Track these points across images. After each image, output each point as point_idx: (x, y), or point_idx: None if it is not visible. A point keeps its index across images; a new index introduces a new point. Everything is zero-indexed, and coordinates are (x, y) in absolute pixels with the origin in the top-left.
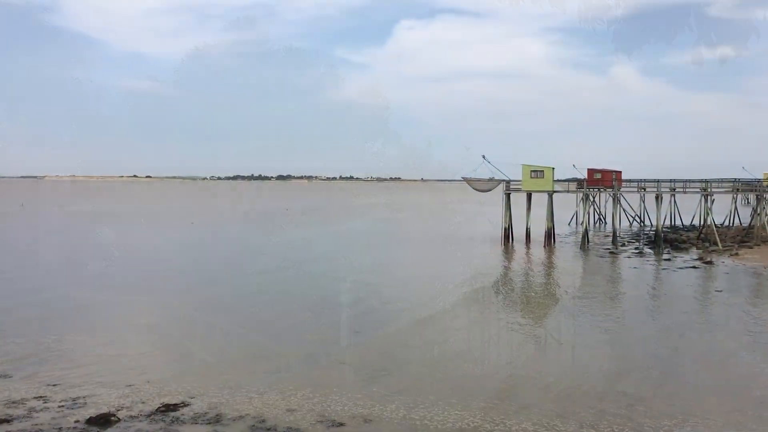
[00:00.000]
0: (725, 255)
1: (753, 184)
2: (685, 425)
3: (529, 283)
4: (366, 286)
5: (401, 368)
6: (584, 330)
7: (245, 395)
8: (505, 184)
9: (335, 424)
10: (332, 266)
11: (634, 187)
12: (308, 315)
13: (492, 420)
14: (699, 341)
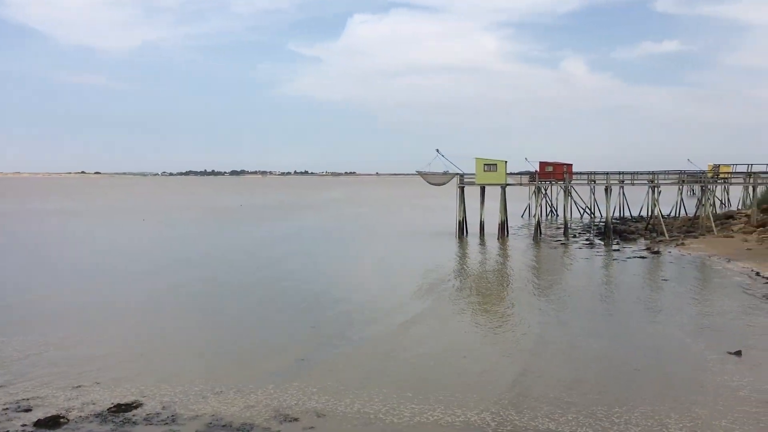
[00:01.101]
0: (672, 245)
1: (698, 176)
2: (635, 412)
3: (483, 275)
4: (323, 281)
5: (358, 363)
6: (535, 320)
7: (200, 394)
8: (459, 178)
9: (289, 419)
10: (289, 262)
11: (584, 179)
12: (265, 312)
13: (452, 413)
14: (645, 329)
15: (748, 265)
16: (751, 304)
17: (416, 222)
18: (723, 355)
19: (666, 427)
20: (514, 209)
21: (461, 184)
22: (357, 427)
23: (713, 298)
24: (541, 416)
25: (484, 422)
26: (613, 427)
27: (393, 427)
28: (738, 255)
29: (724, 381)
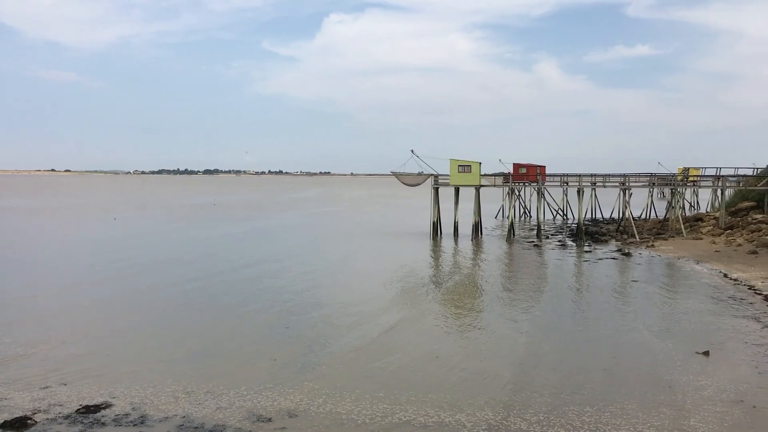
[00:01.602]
0: (642, 246)
1: (668, 179)
2: (605, 411)
3: (456, 276)
4: (296, 281)
5: (331, 363)
6: (507, 321)
7: (171, 395)
8: (433, 179)
9: (262, 419)
10: (262, 262)
11: (557, 181)
12: (237, 312)
13: (425, 413)
14: (616, 330)
15: (716, 266)
16: (719, 305)
17: (390, 222)
18: (691, 355)
19: (634, 426)
20: (487, 210)
21: (435, 184)
22: (329, 427)
23: (682, 299)
24: (514, 416)
25: (458, 423)
26: (584, 427)
27: (364, 427)
28: (706, 257)
29: (692, 381)
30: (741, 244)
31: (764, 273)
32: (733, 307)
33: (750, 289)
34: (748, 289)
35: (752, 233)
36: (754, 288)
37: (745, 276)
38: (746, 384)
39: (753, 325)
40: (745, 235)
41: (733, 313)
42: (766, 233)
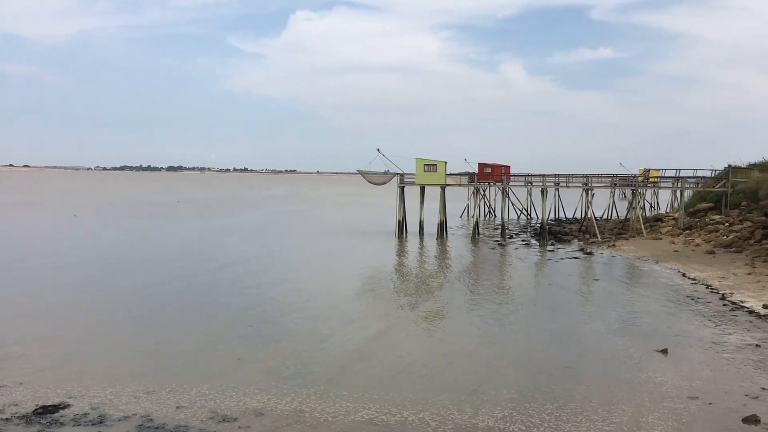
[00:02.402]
0: (604, 246)
1: (629, 180)
2: (565, 408)
3: (421, 275)
4: (260, 279)
5: (297, 361)
6: (471, 319)
7: (132, 395)
8: (399, 178)
9: (227, 419)
10: (225, 260)
11: (521, 181)
12: (200, 310)
13: (388, 411)
14: (577, 328)
15: (674, 266)
16: (677, 304)
17: (356, 221)
18: (650, 353)
19: (594, 423)
20: (453, 209)
21: (401, 183)
22: (293, 425)
23: (641, 298)
24: (481, 414)
25: (422, 422)
26: (544, 424)
27: (327, 425)
28: (665, 256)
29: (650, 378)
30: (699, 244)
31: (721, 272)
32: (690, 305)
33: (707, 288)
34: (706, 288)
35: (710, 234)
36: (711, 287)
37: (703, 275)
38: (702, 381)
39: (709, 323)
40: (703, 235)
41: (690, 312)
42: (723, 234)
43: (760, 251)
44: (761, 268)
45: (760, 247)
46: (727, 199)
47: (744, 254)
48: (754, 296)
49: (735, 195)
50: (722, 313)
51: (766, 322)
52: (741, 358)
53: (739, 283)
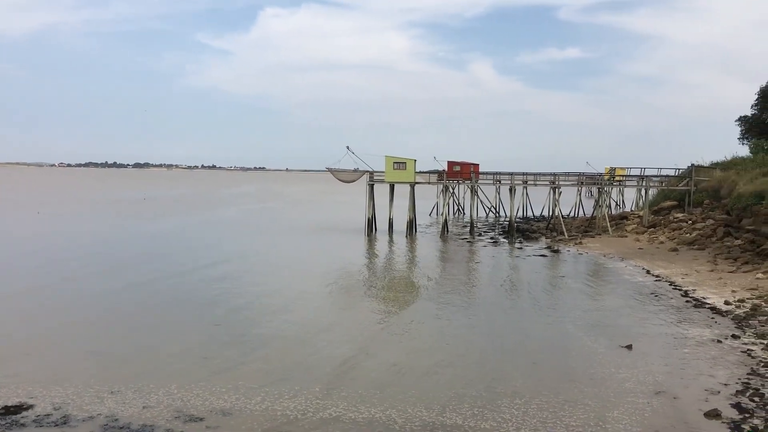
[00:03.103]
0: (570, 244)
1: (595, 178)
2: (532, 404)
3: (390, 272)
4: (228, 277)
5: (266, 360)
6: (440, 316)
7: (95, 395)
8: (368, 176)
9: (194, 419)
10: (193, 258)
11: (490, 179)
12: (166, 309)
13: (356, 409)
14: (544, 324)
15: (639, 263)
16: (641, 300)
17: (325, 218)
18: (615, 349)
19: (560, 418)
20: (422, 207)
21: (371, 181)
22: (263, 424)
23: (607, 295)
24: (449, 411)
25: (390, 419)
26: (513, 419)
27: (296, 423)
28: (630, 254)
29: (615, 373)
30: (663, 241)
31: (684, 270)
32: (654, 302)
33: (671, 285)
34: (669, 285)
35: (673, 231)
36: (675, 284)
37: (666, 272)
38: (665, 376)
39: (672, 319)
40: (667, 233)
41: (654, 308)
42: (686, 232)
43: (722, 249)
44: (723, 266)
45: (722, 244)
46: (690, 198)
47: (706, 252)
48: (715, 293)
49: (698, 193)
50: (685, 309)
51: (727, 318)
52: (703, 353)
53: (702, 280)
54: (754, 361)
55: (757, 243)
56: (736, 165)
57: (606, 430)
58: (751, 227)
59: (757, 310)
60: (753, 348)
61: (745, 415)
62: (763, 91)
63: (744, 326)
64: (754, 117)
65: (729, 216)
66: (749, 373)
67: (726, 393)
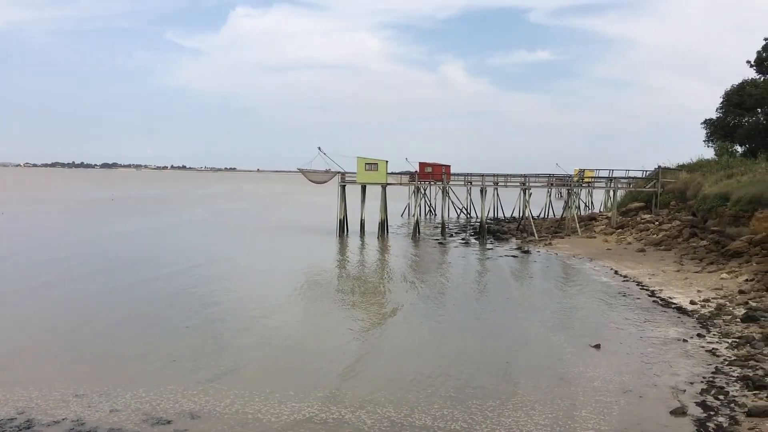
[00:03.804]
0: (540, 245)
1: (565, 180)
2: (507, 404)
3: (362, 273)
4: (198, 279)
5: (237, 363)
6: (411, 317)
7: (61, 398)
8: (340, 177)
9: (162, 422)
10: (162, 259)
11: (461, 180)
12: (134, 311)
13: (328, 410)
14: (515, 324)
15: (607, 263)
16: (610, 300)
17: (297, 219)
18: (584, 348)
19: (532, 417)
20: (394, 208)
21: (342, 182)
22: (233, 427)
23: (576, 295)
24: (419, 411)
25: (359, 420)
26: (486, 421)
27: (269, 425)
28: (599, 254)
29: (584, 373)
30: (630, 242)
31: (651, 270)
32: (622, 302)
33: (638, 285)
34: (636, 286)
35: (641, 232)
36: (642, 284)
37: (634, 273)
38: (633, 374)
39: (640, 318)
40: (635, 234)
41: (622, 308)
42: (653, 232)
43: (688, 249)
44: (689, 266)
45: (688, 245)
46: (657, 199)
47: (673, 252)
48: (681, 293)
49: (664, 195)
50: (652, 309)
51: (693, 317)
52: (669, 352)
53: (668, 280)
54: (718, 360)
55: (722, 244)
56: (702, 167)
57: (575, 429)
58: (716, 228)
59: (722, 310)
60: (717, 347)
61: (710, 413)
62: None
63: (709, 326)
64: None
65: (695, 217)
66: (714, 372)
67: (691, 391)
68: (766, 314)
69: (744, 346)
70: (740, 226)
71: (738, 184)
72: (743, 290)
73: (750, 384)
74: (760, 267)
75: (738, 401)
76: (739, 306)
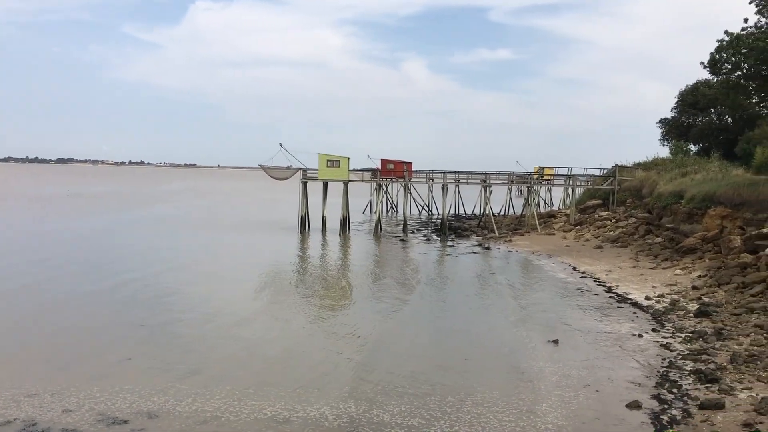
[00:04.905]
0: (501, 241)
1: (525, 177)
2: (466, 400)
3: (323, 270)
4: (155, 276)
5: (197, 362)
6: (372, 314)
7: (11, 398)
8: (302, 173)
9: (117, 422)
10: (118, 256)
11: (423, 177)
12: (87, 310)
13: (291, 408)
14: (475, 321)
15: (566, 260)
16: (567, 296)
17: (258, 216)
18: (543, 344)
19: (494, 413)
20: (355, 205)
21: (304, 179)
22: (192, 426)
23: (535, 291)
24: (377, 408)
25: (322, 416)
26: (445, 417)
27: (228, 425)
28: (558, 251)
29: (544, 367)
30: (588, 239)
31: (608, 266)
32: (580, 298)
33: (595, 281)
34: (594, 282)
35: (598, 229)
36: (599, 280)
37: (591, 269)
38: (590, 369)
39: (597, 314)
40: (592, 231)
41: (580, 304)
42: (610, 229)
43: (643, 246)
44: (644, 262)
45: (643, 242)
46: (614, 197)
47: (629, 249)
48: (637, 288)
49: (621, 193)
50: (608, 305)
51: (648, 313)
52: (625, 347)
53: (624, 276)
54: (672, 354)
55: (676, 240)
56: (657, 165)
57: (536, 423)
58: (670, 225)
59: (676, 305)
60: (671, 341)
61: (664, 407)
62: (682, 95)
63: (663, 321)
64: (674, 120)
65: (650, 214)
66: (668, 366)
67: (647, 385)
68: (718, 309)
69: (697, 340)
70: (693, 224)
71: (692, 183)
72: (696, 286)
73: (702, 377)
74: (712, 263)
75: (691, 394)
76: (692, 301)
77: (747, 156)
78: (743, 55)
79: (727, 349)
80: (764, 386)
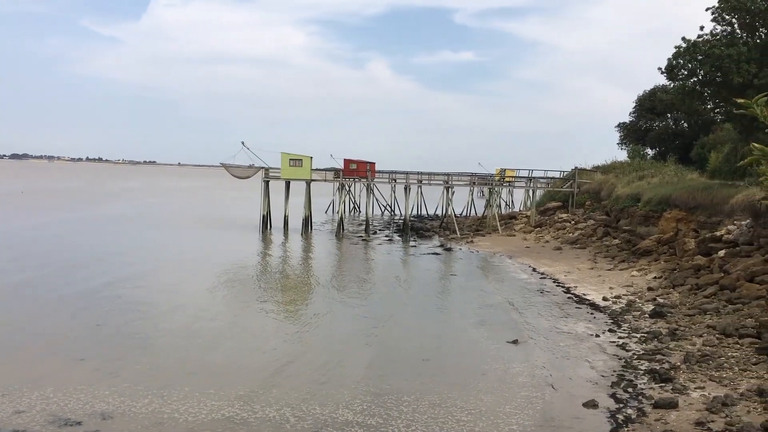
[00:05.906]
0: (462, 242)
1: (487, 179)
2: (423, 401)
3: (284, 270)
4: (112, 275)
5: (154, 362)
6: (332, 314)
7: None
8: (263, 172)
9: (70, 423)
10: (73, 255)
11: (386, 178)
12: (39, 309)
13: (250, 408)
14: (435, 321)
15: (526, 261)
16: (527, 297)
17: (219, 215)
18: (503, 345)
19: (452, 414)
20: (318, 205)
21: (266, 178)
22: (147, 427)
23: (495, 292)
24: (342, 407)
25: (283, 417)
26: (402, 416)
27: (185, 425)
28: (518, 252)
29: (505, 368)
30: (548, 240)
31: (566, 267)
32: (539, 298)
33: (554, 282)
34: (553, 282)
35: (558, 231)
36: (558, 281)
37: (551, 270)
38: (548, 369)
39: (556, 314)
40: (552, 232)
41: (539, 305)
42: (569, 231)
43: (601, 248)
44: (602, 264)
45: (602, 243)
46: (574, 199)
47: (587, 250)
48: (594, 289)
49: (580, 195)
50: (567, 305)
51: (605, 313)
52: (583, 347)
53: (583, 278)
54: (628, 354)
55: (633, 242)
56: (615, 168)
57: (497, 424)
58: (627, 227)
59: (632, 306)
60: (627, 341)
61: (620, 406)
62: (640, 99)
63: (620, 321)
64: (632, 124)
65: (608, 217)
66: (624, 366)
67: (603, 384)
68: (672, 310)
69: (652, 340)
70: (650, 226)
71: (648, 186)
72: (651, 287)
73: (657, 377)
74: (667, 265)
75: (645, 393)
76: (647, 302)
77: (702, 160)
78: (699, 62)
79: (680, 349)
80: (716, 386)
